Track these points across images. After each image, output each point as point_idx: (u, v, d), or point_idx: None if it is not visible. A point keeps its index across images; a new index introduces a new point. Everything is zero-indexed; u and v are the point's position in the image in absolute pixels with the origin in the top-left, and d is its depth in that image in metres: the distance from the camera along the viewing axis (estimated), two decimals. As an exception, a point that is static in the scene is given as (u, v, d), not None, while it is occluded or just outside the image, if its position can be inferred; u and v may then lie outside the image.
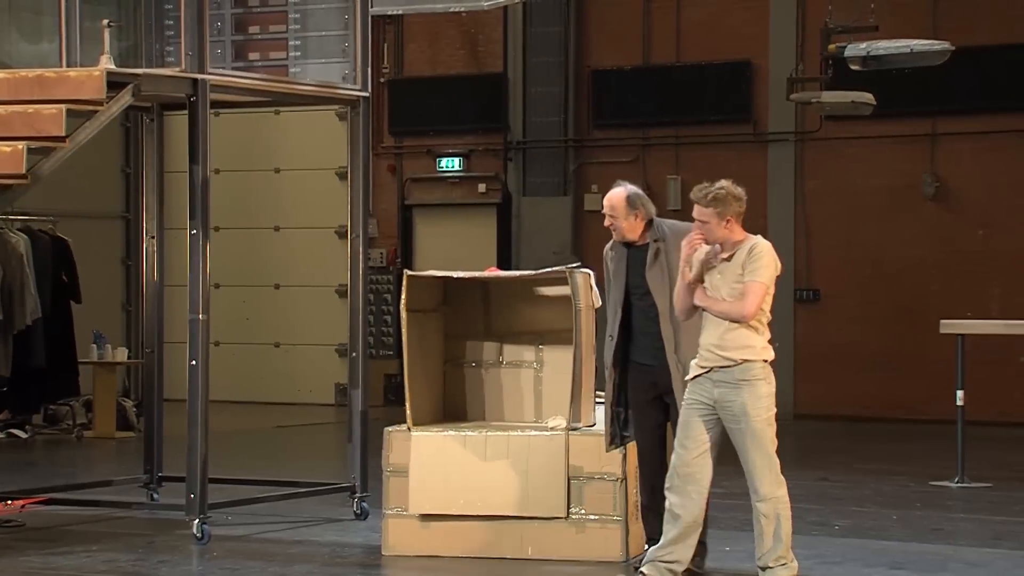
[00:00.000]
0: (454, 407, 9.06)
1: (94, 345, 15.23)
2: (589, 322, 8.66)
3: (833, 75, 15.49)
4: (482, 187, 18.56)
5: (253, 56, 10.04)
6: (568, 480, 8.32)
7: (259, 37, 10.05)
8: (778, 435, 7.55)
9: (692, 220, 7.59)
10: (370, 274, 12.54)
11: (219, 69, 9.43)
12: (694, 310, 7.45)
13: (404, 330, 8.74)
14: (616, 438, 8.00)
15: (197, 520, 8.80)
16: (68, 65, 9.27)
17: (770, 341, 7.43)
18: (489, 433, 8.44)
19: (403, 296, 8.69)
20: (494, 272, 9.57)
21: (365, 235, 9.84)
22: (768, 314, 7.46)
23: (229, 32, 9.97)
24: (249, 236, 18.96)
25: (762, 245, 7.45)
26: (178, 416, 9.74)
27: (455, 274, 8.92)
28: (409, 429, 8.59)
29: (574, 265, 8.69)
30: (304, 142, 18.93)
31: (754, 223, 18.90)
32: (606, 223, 7.87)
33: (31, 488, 10.16)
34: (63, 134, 8.44)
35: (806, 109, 16.68)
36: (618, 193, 7.88)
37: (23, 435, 14.86)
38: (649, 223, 7.86)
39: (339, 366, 17.94)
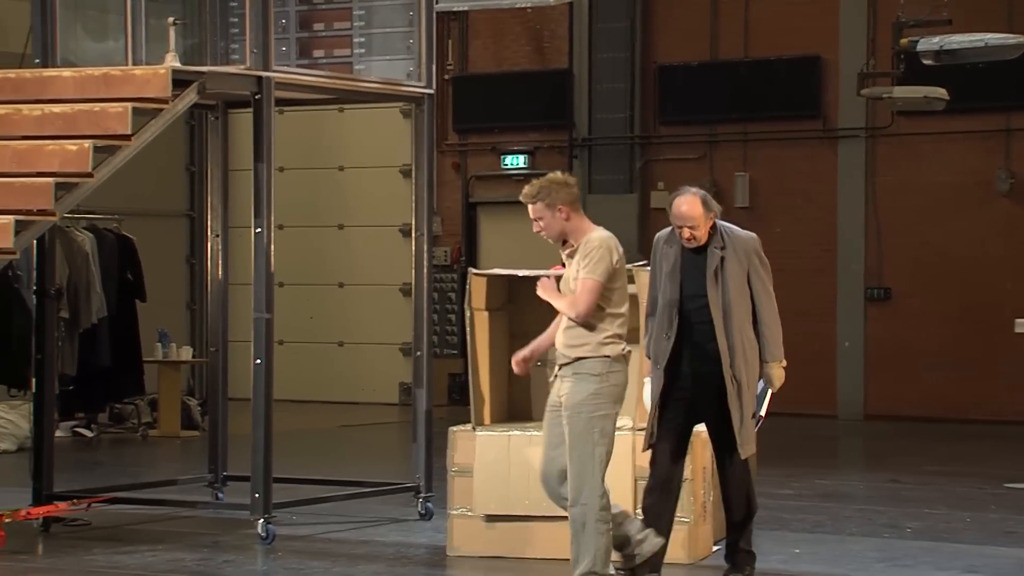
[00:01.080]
0: (519, 406, 8.99)
1: (159, 344, 15.27)
2: (655, 321, 8.56)
3: (905, 70, 15.26)
4: (547, 185, 18.45)
5: (317, 53, 10.01)
6: (635, 481, 8.21)
7: (324, 34, 10.01)
8: (847, 435, 7.39)
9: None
10: (434, 272, 12.47)
11: (284, 66, 9.40)
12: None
13: (469, 329, 8.67)
14: (654, 437, 7.72)
15: (262, 520, 8.77)
16: (134, 63, 9.27)
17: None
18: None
19: (468, 295, 8.62)
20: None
21: (429, 233, 9.79)
22: (620, 308, 7.11)
23: (294, 29, 9.94)
24: (313, 234, 18.97)
25: (595, 239, 7.11)
26: (242, 415, 9.72)
27: (520, 272, 8.84)
28: (474, 429, 8.53)
29: (640, 263, 8.59)
30: (368, 140, 18.92)
31: (824, 220, 18.74)
32: (685, 235, 7.55)
33: (97, 487, 10.18)
34: (128, 132, 8.43)
35: (877, 104, 16.47)
36: (691, 201, 7.56)
37: (89, 434, 14.92)
38: (713, 225, 7.64)
39: (403, 365, 17.90)
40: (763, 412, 7.72)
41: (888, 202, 17.09)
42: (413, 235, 9.88)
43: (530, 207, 7.16)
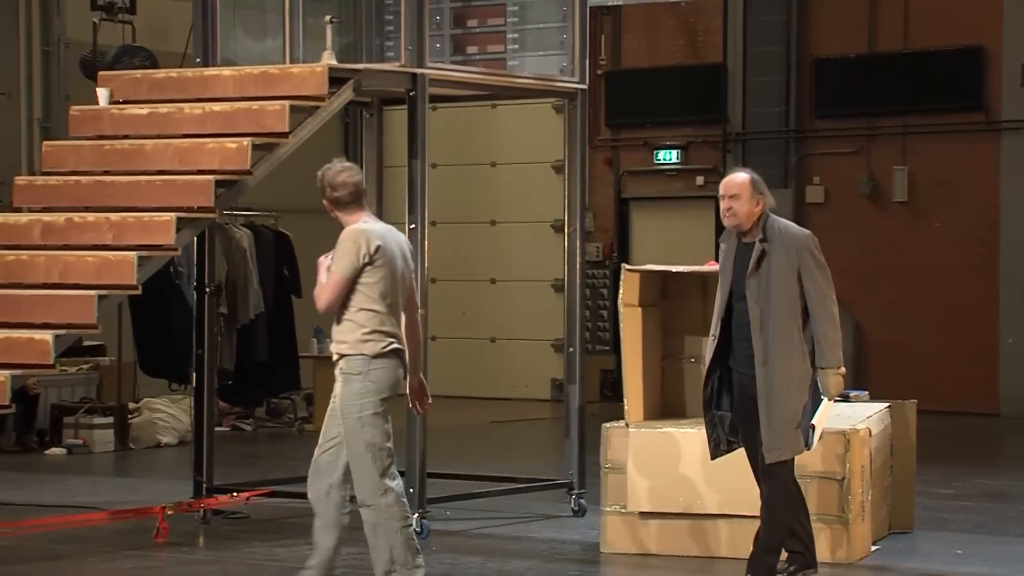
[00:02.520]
0: (673, 403, 8.93)
1: (314, 339, 15.45)
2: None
3: (1073, 60, 14.87)
4: (700, 180, 18.34)
5: (471, 50, 10.05)
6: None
7: (477, 30, 10.05)
8: (1010, 433, 7.19)
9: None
10: (586, 268, 12.44)
11: (438, 63, 9.45)
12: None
13: (622, 325, 8.62)
14: (721, 443, 7.42)
15: (416, 515, 8.82)
16: (291, 62, 9.39)
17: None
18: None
19: (621, 291, 8.57)
20: (713, 266, 9.38)
21: (582, 229, 9.77)
22: (377, 305, 6.92)
23: (448, 26, 9.99)
24: (465, 231, 19.05)
25: (344, 233, 7.05)
26: (395, 411, 9.78)
27: (674, 268, 8.77)
28: (627, 425, 8.48)
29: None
30: (520, 135, 18.94)
31: (985, 215, 18.28)
32: (724, 206, 7.25)
33: (255, 481, 10.33)
34: (286, 130, 8.54)
35: (1042, 96, 16.07)
36: (743, 176, 7.32)
37: (247, 428, 15.16)
38: (764, 217, 7.29)
39: (555, 361, 17.89)
40: (814, 422, 7.22)
41: (1055, 196, 16.67)
42: (565, 231, 9.87)
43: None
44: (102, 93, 9.18)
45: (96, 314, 8.02)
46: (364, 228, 7.06)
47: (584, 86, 9.76)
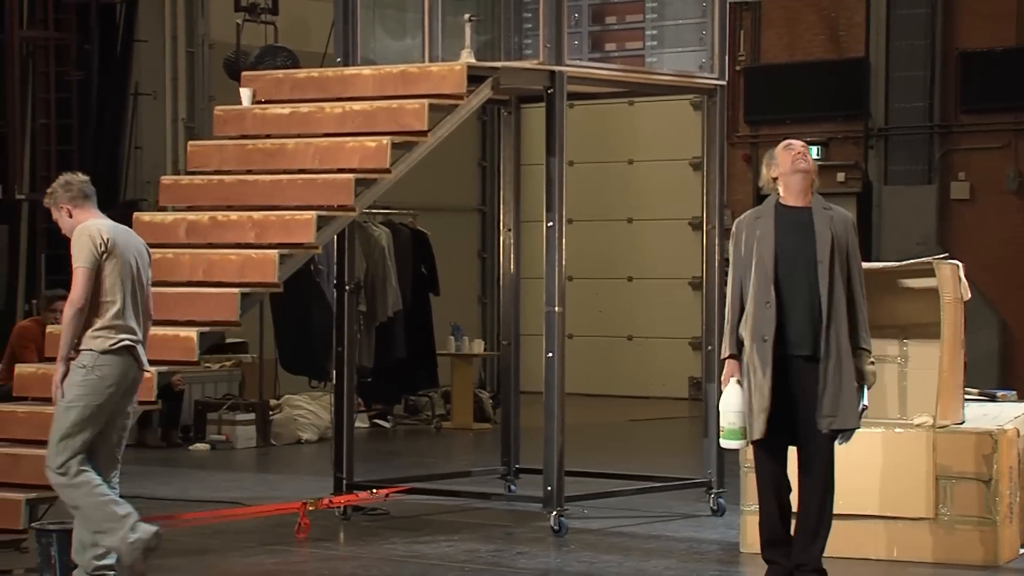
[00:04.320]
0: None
1: (452, 337, 15.52)
2: (957, 316, 8.31)
3: None
4: (841, 176, 18.09)
5: (609, 47, 10.01)
6: (935, 480, 7.96)
7: (616, 27, 10.01)
8: None
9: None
10: (725, 266, 12.34)
11: (576, 61, 9.43)
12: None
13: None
14: (758, 433, 7.07)
15: (554, 513, 8.81)
16: (430, 60, 9.43)
17: None
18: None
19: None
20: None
21: (720, 226, 9.68)
22: (111, 296, 7.03)
23: (586, 23, 9.96)
24: (602, 228, 19.01)
25: (77, 231, 7.14)
26: (532, 408, 9.80)
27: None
28: (768, 425, 8.36)
29: (940, 256, 8.32)
30: (657, 133, 18.86)
31: None
32: (800, 166, 7.08)
33: (394, 477, 10.40)
34: (425, 128, 8.58)
35: None
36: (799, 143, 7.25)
37: (386, 425, 15.28)
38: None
39: (692, 360, 17.78)
40: (866, 402, 7.09)
41: None
42: (704, 228, 9.79)
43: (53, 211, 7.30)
44: (245, 93, 9.31)
45: (239, 311, 8.14)
46: (97, 224, 7.20)
47: (723, 82, 9.68)
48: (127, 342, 7.12)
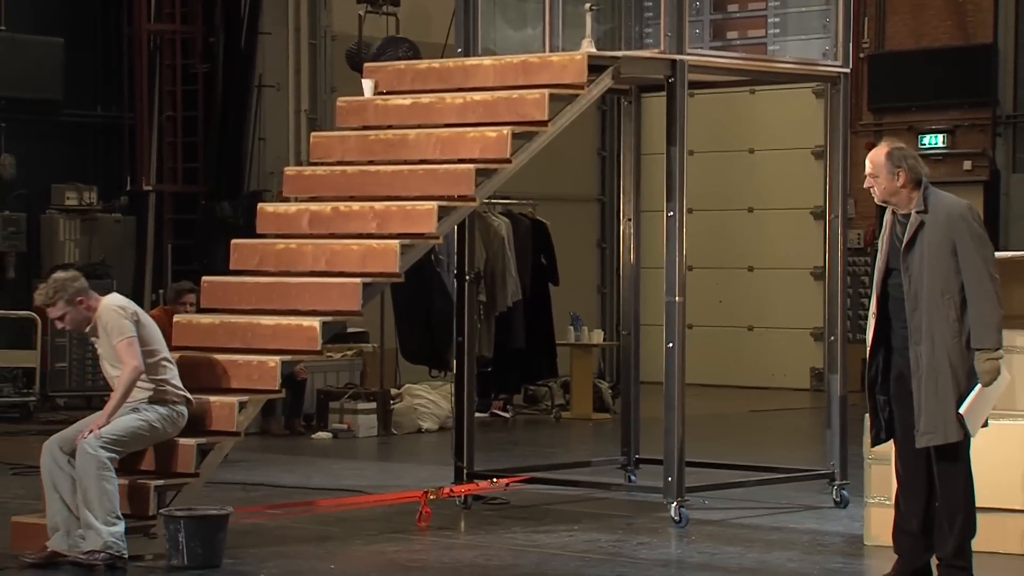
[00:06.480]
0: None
1: (571, 327, 15.52)
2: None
3: None
4: (967, 164, 17.80)
5: (731, 35, 9.93)
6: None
7: (738, 15, 9.92)
8: None
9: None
10: (847, 256, 12.21)
11: (697, 49, 9.36)
12: None
13: None
14: (882, 431, 7.06)
15: (675, 503, 8.78)
16: (551, 50, 9.42)
17: None
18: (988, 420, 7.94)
19: None
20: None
21: (843, 216, 9.58)
22: (161, 359, 7.80)
23: (707, 11, 9.89)
24: (722, 218, 18.89)
25: (100, 310, 7.72)
26: (653, 398, 9.76)
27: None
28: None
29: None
30: (779, 121, 18.68)
31: None
32: (866, 184, 7.01)
33: (514, 467, 10.41)
34: (546, 118, 8.58)
35: None
36: (879, 149, 7.04)
37: (506, 415, 15.33)
38: (919, 187, 6.91)
39: (814, 350, 17.61)
40: (962, 410, 6.77)
41: None
42: (827, 218, 9.69)
43: (50, 311, 7.71)
44: (367, 84, 9.37)
45: (361, 301, 8.20)
46: (111, 300, 7.82)
47: (847, 70, 9.56)
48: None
